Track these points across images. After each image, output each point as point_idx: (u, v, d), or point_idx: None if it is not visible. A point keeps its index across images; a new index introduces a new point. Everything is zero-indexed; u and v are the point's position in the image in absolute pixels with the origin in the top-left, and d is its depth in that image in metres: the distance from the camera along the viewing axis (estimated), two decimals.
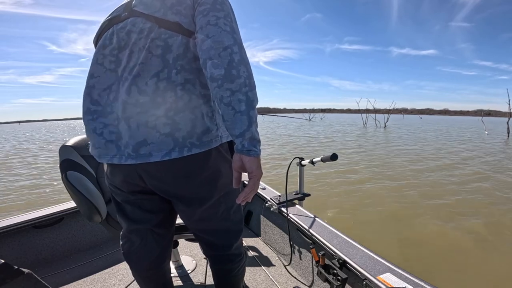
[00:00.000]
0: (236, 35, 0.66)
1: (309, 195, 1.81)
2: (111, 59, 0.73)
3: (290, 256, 1.57)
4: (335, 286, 1.11)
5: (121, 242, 0.91)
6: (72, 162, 1.19)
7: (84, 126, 0.76)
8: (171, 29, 0.68)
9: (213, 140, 0.71)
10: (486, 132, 18.46)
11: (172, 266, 1.53)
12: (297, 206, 1.69)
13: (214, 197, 0.77)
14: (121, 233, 0.92)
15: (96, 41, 0.80)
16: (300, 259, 1.50)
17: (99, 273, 1.53)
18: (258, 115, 0.70)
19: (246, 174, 0.67)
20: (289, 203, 1.69)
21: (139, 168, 0.71)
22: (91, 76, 0.75)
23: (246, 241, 1.86)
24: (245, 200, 0.69)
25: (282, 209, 1.64)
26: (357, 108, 32.89)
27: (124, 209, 0.84)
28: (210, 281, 1.45)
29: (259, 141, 0.66)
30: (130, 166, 0.71)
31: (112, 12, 0.78)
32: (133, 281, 1.46)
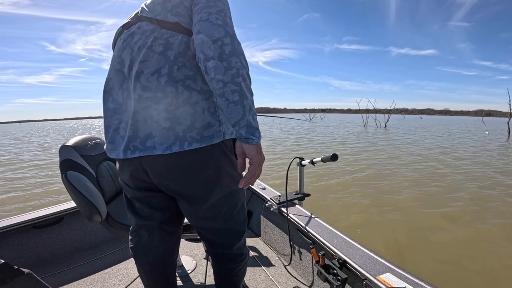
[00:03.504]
0: (228, 27, 0.67)
1: (309, 195, 1.81)
2: (119, 60, 0.78)
3: (290, 256, 1.57)
4: (335, 286, 1.11)
5: (130, 237, 0.94)
6: (72, 162, 1.19)
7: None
8: (172, 29, 0.72)
9: (215, 136, 0.71)
10: (487, 132, 18.45)
11: None
12: (297, 206, 1.69)
13: (216, 196, 0.78)
14: (130, 228, 0.95)
15: (113, 47, 0.87)
16: (300, 259, 1.50)
17: (99, 273, 1.53)
18: (258, 116, 0.71)
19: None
20: (289, 203, 1.69)
21: (144, 162, 0.73)
22: (107, 78, 0.81)
23: (246, 241, 1.86)
24: (246, 184, 0.72)
25: (282, 209, 1.64)
26: (358, 108, 32.91)
27: (133, 205, 0.88)
28: (210, 281, 1.45)
29: (256, 128, 0.67)
30: (136, 160, 0.74)
31: (125, 20, 0.85)
32: (133, 281, 1.46)
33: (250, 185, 0.76)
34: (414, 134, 16.97)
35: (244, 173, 0.76)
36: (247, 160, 0.71)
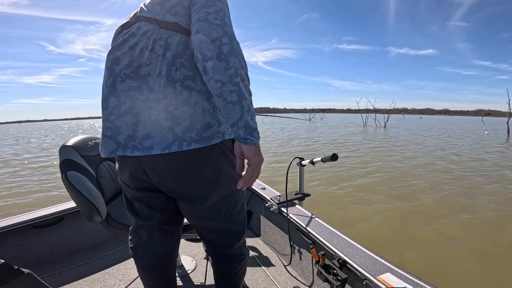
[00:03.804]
0: (227, 27, 0.67)
1: (309, 195, 1.81)
2: (115, 60, 0.78)
3: (290, 256, 1.57)
4: (335, 286, 1.11)
5: (130, 237, 0.95)
6: (72, 162, 1.19)
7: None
8: (170, 29, 0.72)
9: (214, 136, 0.71)
10: (486, 132, 18.46)
11: None
12: (297, 206, 1.69)
13: (216, 196, 0.78)
14: (130, 228, 0.95)
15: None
16: (300, 259, 1.50)
17: (99, 273, 1.53)
18: (257, 116, 0.70)
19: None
20: (289, 203, 1.69)
21: (143, 162, 0.73)
22: (104, 78, 0.81)
23: (246, 241, 1.86)
24: (245, 185, 0.71)
25: (282, 209, 1.64)
26: (357, 108, 32.95)
27: (133, 205, 0.87)
28: (210, 281, 1.45)
29: (255, 129, 0.66)
30: (135, 160, 0.74)
31: (125, 20, 0.85)
32: (133, 281, 1.46)
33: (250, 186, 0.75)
34: (418, 134, 16.91)
35: (243, 174, 0.76)
36: (246, 161, 0.70)
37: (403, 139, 13.27)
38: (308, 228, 1.40)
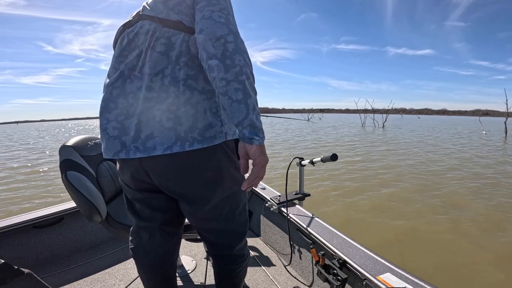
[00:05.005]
0: (231, 25, 0.66)
1: (309, 195, 1.81)
2: (121, 60, 0.77)
3: (290, 256, 1.57)
4: (335, 286, 1.11)
5: (130, 238, 0.94)
6: (72, 162, 1.19)
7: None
8: (174, 28, 0.72)
9: (217, 136, 0.70)
10: (484, 132, 18.52)
11: None
12: (297, 206, 1.69)
13: (217, 197, 0.77)
14: (130, 228, 0.94)
15: (114, 46, 0.86)
16: (300, 259, 1.51)
17: (99, 273, 1.53)
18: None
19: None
20: (289, 203, 1.70)
21: (144, 163, 0.73)
22: (107, 76, 0.80)
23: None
24: (249, 186, 0.69)
25: (282, 209, 1.64)
26: (356, 108, 33.04)
27: (133, 206, 0.87)
28: (210, 281, 1.45)
29: (260, 129, 0.64)
30: (136, 161, 0.73)
31: (127, 19, 0.84)
32: (133, 281, 1.46)
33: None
34: (422, 134, 16.84)
35: (246, 175, 0.76)
36: (250, 161, 0.68)
37: (406, 141, 13.28)
38: (308, 228, 1.40)
